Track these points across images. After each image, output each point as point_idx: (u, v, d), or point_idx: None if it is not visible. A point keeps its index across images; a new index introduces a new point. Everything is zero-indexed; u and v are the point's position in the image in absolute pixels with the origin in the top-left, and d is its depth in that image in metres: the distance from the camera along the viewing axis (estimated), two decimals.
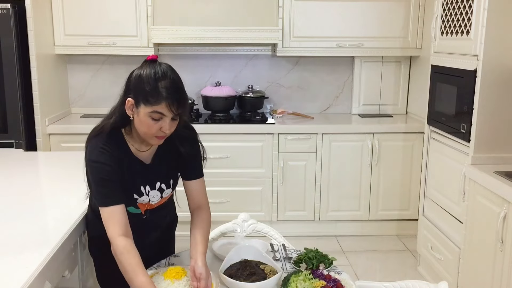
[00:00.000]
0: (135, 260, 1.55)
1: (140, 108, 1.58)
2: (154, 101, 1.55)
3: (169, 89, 1.56)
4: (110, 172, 1.61)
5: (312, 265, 1.74)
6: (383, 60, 4.19)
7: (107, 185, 1.61)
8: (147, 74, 1.57)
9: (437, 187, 3.16)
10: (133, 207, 1.75)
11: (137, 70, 1.62)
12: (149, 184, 1.74)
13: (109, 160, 1.62)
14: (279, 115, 4.06)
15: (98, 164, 1.61)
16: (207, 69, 4.21)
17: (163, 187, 1.79)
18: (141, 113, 1.58)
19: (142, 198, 1.74)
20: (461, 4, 2.77)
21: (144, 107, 1.56)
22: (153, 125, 1.58)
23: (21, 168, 2.49)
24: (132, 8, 3.75)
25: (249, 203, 3.83)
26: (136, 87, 1.58)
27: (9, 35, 3.29)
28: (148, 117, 1.57)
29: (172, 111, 1.57)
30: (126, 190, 1.69)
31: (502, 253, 2.34)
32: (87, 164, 1.67)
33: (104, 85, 4.13)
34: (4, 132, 3.39)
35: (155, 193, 1.77)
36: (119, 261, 1.57)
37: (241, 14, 3.72)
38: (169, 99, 1.55)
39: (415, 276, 3.29)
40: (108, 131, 1.66)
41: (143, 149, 1.73)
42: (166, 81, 1.57)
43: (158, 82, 1.56)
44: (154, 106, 1.55)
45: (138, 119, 1.60)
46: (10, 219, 1.79)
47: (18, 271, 1.36)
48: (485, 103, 2.60)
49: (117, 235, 1.57)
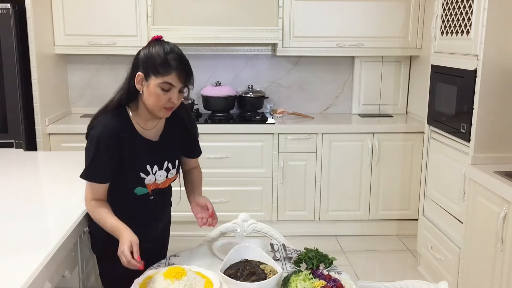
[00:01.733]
0: (105, 210, 1.74)
1: (150, 80, 1.68)
2: (165, 72, 1.66)
3: (178, 61, 1.68)
4: (106, 152, 1.71)
5: (312, 265, 1.74)
6: (383, 60, 4.19)
7: (98, 162, 1.72)
8: (157, 49, 1.69)
9: (437, 187, 3.16)
10: (140, 187, 1.81)
11: (144, 49, 1.73)
12: (157, 164, 1.82)
13: (109, 140, 1.71)
14: (279, 115, 4.06)
15: (98, 140, 1.71)
16: (207, 69, 4.21)
17: (170, 167, 1.87)
18: (151, 85, 1.68)
19: (149, 177, 1.80)
20: (461, 4, 2.77)
21: (155, 78, 1.67)
22: (163, 96, 1.69)
23: (21, 168, 2.49)
24: (132, 8, 3.75)
25: (249, 203, 3.83)
26: (146, 61, 1.69)
27: (9, 35, 3.28)
28: (158, 88, 1.68)
29: (181, 82, 1.69)
30: (134, 169, 1.77)
31: (502, 253, 2.34)
32: (87, 136, 1.77)
33: (104, 85, 4.13)
34: (4, 132, 3.39)
35: (162, 173, 1.84)
36: (93, 217, 1.76)
37: (241, 14, 3.72)
38: (178, 70, 1.68)
39: (415, 276, 3.29)
40: (114, 108, 1.75)
41: (148, 127, 1.81)
42: (174, 54, 1.69)
43: (167, 56, 1.68)
44: (165, 76, 1.67)
45: (147, 92, 1.70)
46: (10, 219, 1.79)
47: (18, 271, 1.36)
48: (485, 103, 2.60)
49: (91, 199, 1.75)
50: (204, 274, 1.69)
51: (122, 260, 1.62)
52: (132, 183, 1.80)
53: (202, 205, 1.93)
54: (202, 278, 1.65)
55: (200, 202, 1.95)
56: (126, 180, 1.80)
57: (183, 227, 3.72)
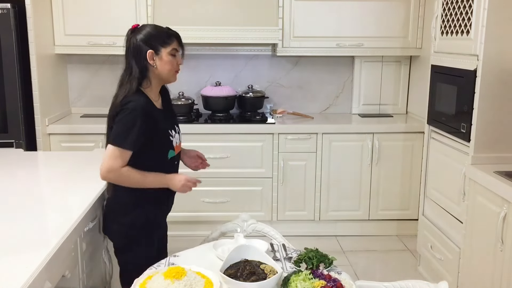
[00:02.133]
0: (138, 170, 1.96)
1: (161, 53, 2.02)
2: (171, 41, 2.04)
3: (173, 31, 2.09)
4: (143, 121, 1.94)
5: (312, 265, 1.74)
6: (383, 60, 4.19)
7: (136, 130, 1.92)
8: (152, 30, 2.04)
9: (437, 187, 3.16)
10: (171, 150, 2.08)
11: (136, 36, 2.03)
12: (172, 128, 2.11)
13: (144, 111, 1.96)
14: (279, 115, 4.06)
15: (136, 111, 1.93)
16: (207, 69, 4.21)
17: (178, 130, 2.18)
18: (163, 55, 2.02)
19: (174, 140, 2.10)
20: (461, 4, 2.77)
21: (165, 49, 2.02)
22: (173, 60, 2.04)
23: (21, 168, 2.50)
24: (132, 8, 3.75)
25: (249, 203, 3.83)
26: (151, 39, 2.02)
27: (9, 35, 3.28)
28: (169, 56, 2.03)
29: (181, 45, 2.09)
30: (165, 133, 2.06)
31: (502, 253, 2.34)
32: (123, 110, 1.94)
33: (104, 85, 4.13)
34: (4, 132, 3.38)
35: (177, 136, 2.15)
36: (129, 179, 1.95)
37: (241, 14, 3.72)
38: (177, 37, 2.08)
39: (415, 276, 3.29)
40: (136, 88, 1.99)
41: (157, 99, 2.10)
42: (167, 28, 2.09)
43: (166, 30, 2.07)
44: (171, 44, 2.04)
45: (161, 63, 2.02)
46: (10, 219, 1.79)
47: (18, 271, 1.36)
48: (485, 103, 2.59)
49: (120, 167, 1.92)
50: (204, 274, 1.69)
51: (188, 186, 2.02)
52: (166, 146, 2.06)
53: (193, 156, 2.30)
54: (202, 278, 1.65)
55: (191, 154, 2.30)
56: (161, 145, 2.05)
57: (183, 227, 3.73)
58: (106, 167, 1.92)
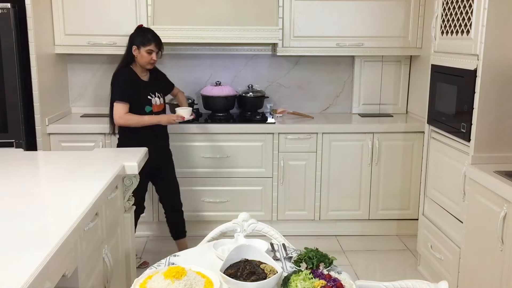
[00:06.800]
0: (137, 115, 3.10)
1: (141, 49, 3.10)
2: (148, 43, 3.10)
3: (154, 37, 3.13)
4: (128, 85, 3.09)
5: (312, 265, 1.74)
6: (383, 59, 4.19)
7: (126, 90, 3.07)
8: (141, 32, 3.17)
9: (437, 187, 3.16)
10: (148, 105, 3.15)
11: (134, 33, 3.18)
12: (152, 93, 3.19)
13: (128, 79, 3.11)
14: (279, 114, 4.06)
15: (124, 78, 3.12)
16: (207, 68, 4.21)
17: (158, 96, 3.23)
18: (142, 51, 3.10)
19: (153, 100, 3.17)
20: (461, 3, 2.77)
21: (143, 48, 3.10)
22: (148, 56, 3.11)
23: (21, 168, 2.49)
24: (132, 8, 3.75)
25: (249, 202, 3.84)
26: (137, 39, 3.12)
27: (9, 35, 3.28)
28: (146, 53, 3.10)
29: (156, 47, 3.13)
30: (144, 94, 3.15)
31: (502, 253, 2.34)
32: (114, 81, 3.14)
33: (104, 85, 4.12)
34: (4, 132, 3.38)
35: (156, 99, 3.20)
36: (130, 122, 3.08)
37: (241, 14, 3.72)
38: (156, 41, 3.13)
39: (415, 276, 3.30)
40: (123, 66, 3.16)
41: (143, 75, 3.19)
42: (151, 34, 3.15)
43: (147, 34, 3.13)
44: (148, 46, 3.10)
45: (140, 56, 3.11)
46: (10, 219, 1.79)
47: (18, 271, 1.36)
48: (485, 102, 2.60)
49: (124, 114, 3.06)
50: (204, 274, 1.69)
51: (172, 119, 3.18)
52: (144, 103, 3.13)
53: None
54: (202, 277, 1.65)
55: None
56: (140, 102, 3.12)
57: None
58: (116, 116, 3.06)
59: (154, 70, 3.29)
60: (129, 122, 3.07)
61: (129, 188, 2.71)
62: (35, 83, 3.42)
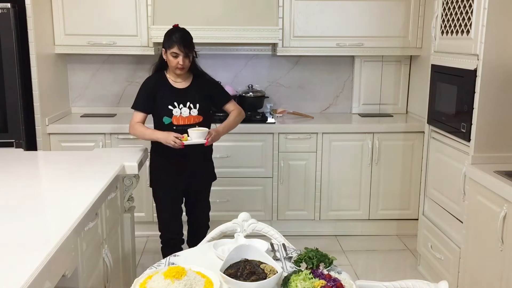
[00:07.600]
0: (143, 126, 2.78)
1: (167, 53, 2.71)
2: (171, 46, 2.67)
3: (178, 38, 2.67)
4: (146, 93, 2.78)
5: (312, 265, 1.74)
6: (383, 59, 4.19)
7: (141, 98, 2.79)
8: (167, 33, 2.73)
9: (437, 187, 3.16)
10: (166, 116, 2.73)
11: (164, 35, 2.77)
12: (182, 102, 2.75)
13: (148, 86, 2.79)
14: (279, 114, 4.06)
15: (144, 85, 2.82)
16: (207, 69, 4.15)
17: (191, 106, 2.76)
18: (168, 55, 2.71)
19: (175, 110, 2.74)
20: (461, 3, 2.77)
21: (169, 51, 2.70)
22: (174, 60, 2.69)
23: (21, 168, 2.49)
24: (132, 8, 3.75)
25: (250, 202, 3.83)
26: (164, 42, 2.73)
27: (9, 35, 3.28)
28: (171, 56, 2.70)
29: (181, 51, 2.66)
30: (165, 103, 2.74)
31: (502, 253, 2.34)
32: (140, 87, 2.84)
33: (104, 85, 4.14)
34: (4, 131, 3.38)
35: (185, 110, 2.75)
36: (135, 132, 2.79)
37: (241, 14, 3.72)
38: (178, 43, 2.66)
39: (415, 276, 3.30)
40: (154, 72, 2.86)
41: (178, 81, 2.80)
42: (176, 35, 2.69)
43: (172, 36, 2.69)
44: (172, 49, 2.68)
45: (168, 60, 2.73)
46: (10, 219, 1.79)
47: (18, 271, 1.36)
48: (485, 102, 2.60)
49: (135, 123, 2.78)
50: (204, 274, 1.69)
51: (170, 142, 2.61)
52: (162, 113, 2.74)
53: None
54: (202, 277, 1.65)
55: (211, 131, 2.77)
56: (158, 112, 2.77)
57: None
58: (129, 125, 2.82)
59: (201, 77, 2.86)
60: (133, 133, 2.82)
61: (129, 188, 2.71)
62: (35, 83, 3.42)
